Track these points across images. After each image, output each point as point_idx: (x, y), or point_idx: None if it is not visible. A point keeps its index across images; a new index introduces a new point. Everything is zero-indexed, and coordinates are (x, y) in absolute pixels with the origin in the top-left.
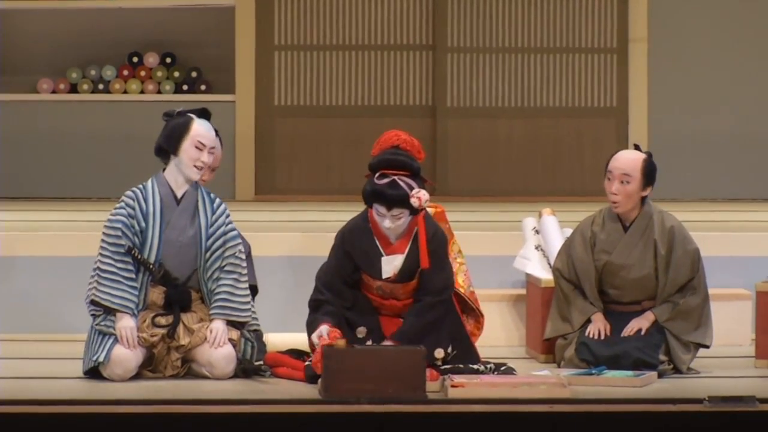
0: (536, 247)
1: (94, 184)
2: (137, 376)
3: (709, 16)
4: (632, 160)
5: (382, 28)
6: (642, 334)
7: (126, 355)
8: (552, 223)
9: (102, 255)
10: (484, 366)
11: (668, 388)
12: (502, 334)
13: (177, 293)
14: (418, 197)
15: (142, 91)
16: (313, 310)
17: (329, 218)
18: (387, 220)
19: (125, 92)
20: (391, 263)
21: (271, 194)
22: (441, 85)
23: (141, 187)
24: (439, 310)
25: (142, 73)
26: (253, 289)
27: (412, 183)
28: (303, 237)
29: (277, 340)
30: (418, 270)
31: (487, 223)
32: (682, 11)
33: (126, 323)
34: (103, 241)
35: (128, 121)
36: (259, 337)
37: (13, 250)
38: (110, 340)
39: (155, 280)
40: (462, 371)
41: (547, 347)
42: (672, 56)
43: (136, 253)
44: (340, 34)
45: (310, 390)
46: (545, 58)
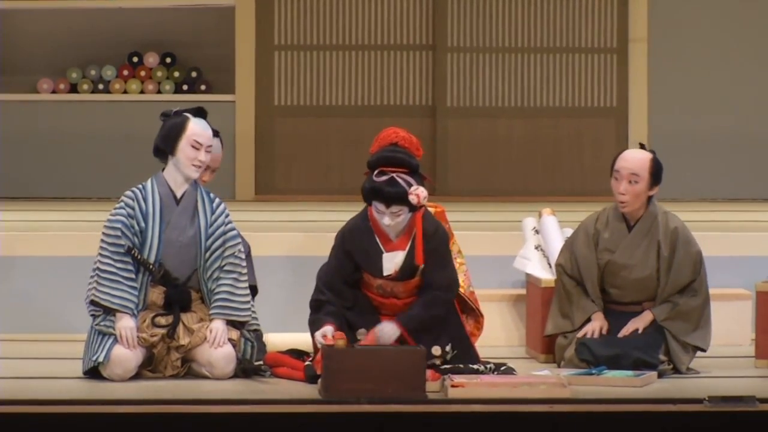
0: (536, 247)
1: (94, 184)
2: (137, 376)
3: (709, 16)
4: (640, 160)
5: (382, 28)
6: (639, 334)
7: (126, 355)
8: (552, 223)
9: (102, 255)
10: (484, 366)
11: (668, 388)
12: (502, 334)
13: (177, 293)
14: (417, 194)
15: (142, 91)
16: (315, 310)
17: (329, 218)
18: (386, 218)
19: (125, 92)
20: (392, 260)
21: (271, 194)
22: (441, 85)
23: (140, 187)
24: (444, 307)
25: (142, 73)
26: (253, 290)
27: (410, 180)
28: (303, 237)
29: (277, 340)
30: (419, 268)
31: (487, 223)
32: (682, 11)
33: (126, 323)
34: (102, 242)
35: (128, 121)
36: (259, 337)
37: (13, 250)
38: (110, 340)
39: (155, 280)
40: (462, 371)
41: (548, 347)
42: (672, 56)
43: (136, 253)
44: (340, 34)
45: (310, 390)
46: (545, 58)
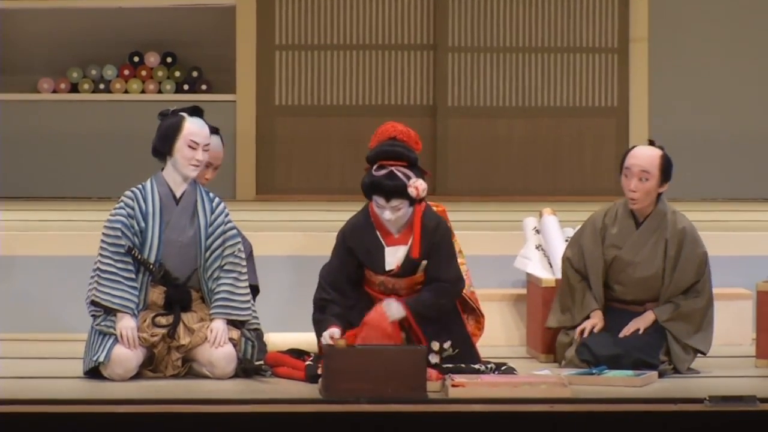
0: (537, 247)
1: (94, 184)
2: (138, 376)
3: (709, 15)
4: (651, 156)
5: (383, 28)
6: (641, 334)
7: (126, 355)
8: (552, 223)
9: (102, 255)
10: (485, 366)
11: (669, 388)
12: (502, 334)
13: (177, 293)
14: (416, 187)
15: (143, 91)
16: (320, 310)
17: (330, 218)
18: (387, 212)
19: (126, 92)
20: (394, 255)
21: (272, 194)
22: (442, 85)
23: (140, 187)
24: (451, 299)
25: (143, 73)
26: (255, 289)
27: (409, 173)
28: (304, 236)
29: (277, 339)
30: (421, 263)
31: (488, 223)
32: (682, 11)
33: (126, 323)
34: (102, 242)
35: (129, 120)
36: (260, 337)
37: (13, 249)
38: (110, 340)
39: (155, 280)
40: (463, 371)
41: (548, 347)
42: (672, 56)
43: (136, 253)
44: (341, 34)
45: (311, 390)
46: (546, 58)
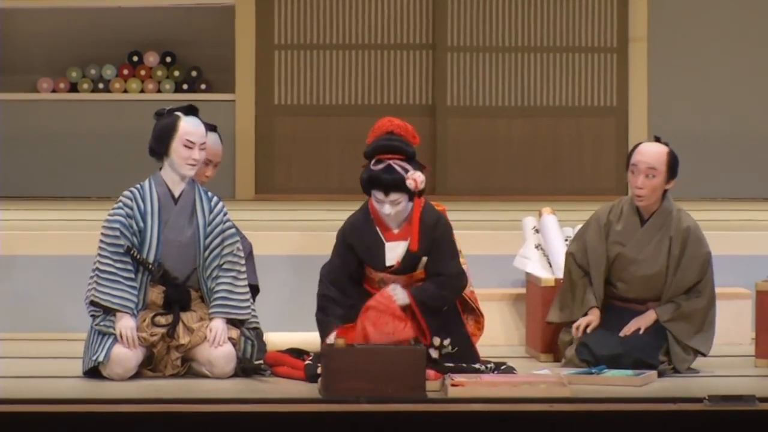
0: (536, 247)
1: (94, 184)
2: (137, 376)
3: (709, 15)
4: (658, 153)
5: (382, 27)
6: (641, 334)
7: (126, 355)
8: (552, 223)
9: (101, 255)
10: (484, 365)
11: (668, 387)
12: (501, 334)
13: (176, 292)
14: (414, 179)
15: (142, 91)
16: (323, 310)
17: (329, 217)
18: (386, 206)
19: (125, 91)
20: (394, 250)
21: (271, 193)
22: (441, 84)
23: (138, 186)
24: (455, 292)
25: (142, 73)
26: (255, 289)
27: (407, 166)
28: (303, 236)
29: (277, 339)
30: (422, 260)
31: (487, 223)
32: (682, 11)
33: (126, 323)
34: (101, 242)
35: (128, 120)
36: (259, 336)
37: (13, 249)
38: (110, 340)
39: (154, 280)
40: (462, 370)
41: (548, 346)
42: (672, 56)
43: (135, 253)
44: (340, 33)
45: (310, 389)
46: (545, 58)
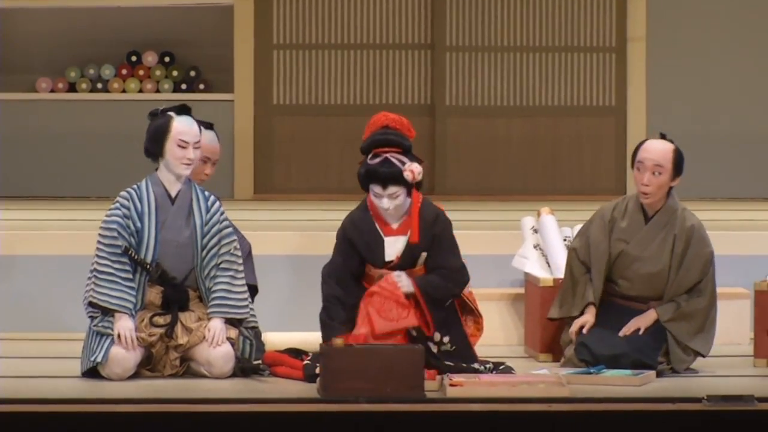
0: (535, 246)
1: (92, 183)
2: (136, 376)
3: (708, 15)
4: (664, 150)
5: (381, 27)
6: (641, 334)
7: (124, 354)
8: (551, 223)
9: (98, 256)
10: (483, 365)
11: (667, 387)
12: (500, 334)
13: (175, 292)
14: (411, 170)
15: (141, 91)
16: (327, 311)
17: (328, 217)
18: (385, 200)
19: (124, 91)
20: (394, 245)
21: (270, 193)
22: (440, 84)
23: (135, 187)
24: (458, 285)
25: (141, 72)
26: (254, 289)
27: (404, 159)
28: (302, 236)
29: (276, 339)
30: (421, 256)
31: (486, 222)
32: (680, 10)
33: (124, 324)
34: (99, 243)
35: (127, 120)
36: (258, 336)
37: (13, 249)
38: (108, 340)
39: (152, 280)
40: (461, 370)
41: (547, 346)
42: (671, 55)
43: (133, 254)
44: (339, 33)
45: (309, 389)
46: (544, 57)
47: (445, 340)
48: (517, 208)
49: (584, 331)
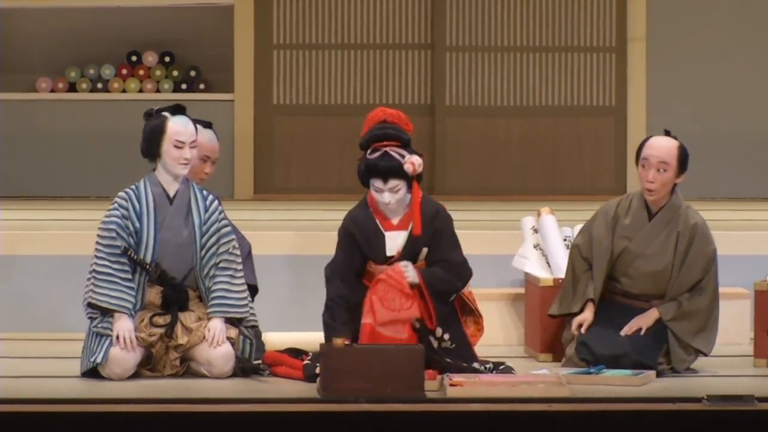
0: (535, 246)
1: (92, 183)
2: (136, 376)
3: (708, 15)
4: (668, 147)
5: (381, 27)
6: (642, 334)
7: (124, 354)
8: (551, 222)
9: (97, 257)
10: (483, 365)
11: (667, 387)
12: (500, 333)
13: (174, 292)
14: (411, 162)
15: (141, 90)
16: (330, 311)
17: (328, 217)
18: (386, 194)
19: (124, 91)
20: (395, 240)
21: (270, 193)
22: (440, 84)
23: (134, 187)
24: (460, 279)
25: (141, 72)
26: (254, 289)
27: (404, 152)
28: (302, 236)
29: (276, 339)
30: (422, 251)
31: (486, 222)
32: (681, 10)
33: (123, 324)
34: (98, 243)
35: (127, 120)
36: (258, 336)
37: (13, 249)
38: (108, 341)
39: (152, 280)
40: (461, 370)
41: (547, 346)
42: (671, 55)
43: (132, 254)
44: (339, 33)
45: (309, 389)
46: (544, 57)
47: (446, 337)
48: (517, 208)
49: (582, 329)
